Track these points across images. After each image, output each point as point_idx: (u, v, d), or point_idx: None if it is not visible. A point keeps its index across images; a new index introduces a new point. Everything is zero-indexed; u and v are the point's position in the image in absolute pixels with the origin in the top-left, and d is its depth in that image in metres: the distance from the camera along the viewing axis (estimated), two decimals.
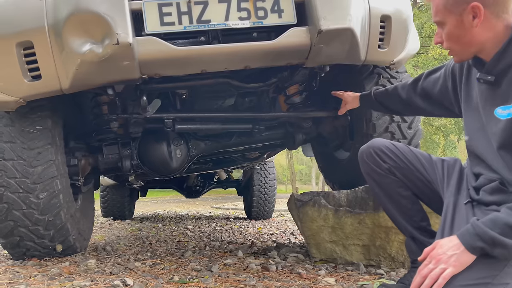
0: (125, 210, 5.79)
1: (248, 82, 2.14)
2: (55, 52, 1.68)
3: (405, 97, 1.64)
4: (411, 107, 1.64)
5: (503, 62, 1.17)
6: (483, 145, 1.25)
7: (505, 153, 1.17)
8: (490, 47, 1.18)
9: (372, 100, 1.83)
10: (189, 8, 1.68)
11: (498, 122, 1.18)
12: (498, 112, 1.18)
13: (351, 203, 2.08)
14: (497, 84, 1.19)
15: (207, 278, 1.75)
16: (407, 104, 1.65)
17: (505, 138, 1.16)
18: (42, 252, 2.14)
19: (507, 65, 1.16)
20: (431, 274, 1.09)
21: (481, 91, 1.25)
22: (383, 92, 1.78)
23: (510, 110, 1.15)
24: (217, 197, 16.94)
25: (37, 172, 1.99)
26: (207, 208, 10.17)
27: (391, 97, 1.73)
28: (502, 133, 1.16)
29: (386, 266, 2.01)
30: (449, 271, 1.08)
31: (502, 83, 1.18)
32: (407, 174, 1.45)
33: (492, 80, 1.19)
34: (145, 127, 2.33)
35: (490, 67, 1.19)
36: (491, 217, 1.09)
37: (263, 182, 5.27)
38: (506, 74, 1.17)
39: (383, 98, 1.77)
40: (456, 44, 1.22)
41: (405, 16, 2.01)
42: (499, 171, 1.21)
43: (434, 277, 1.08)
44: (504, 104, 1.17)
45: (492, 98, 1.21)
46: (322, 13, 1.71)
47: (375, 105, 1.84)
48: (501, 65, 1.17)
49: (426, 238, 1.48)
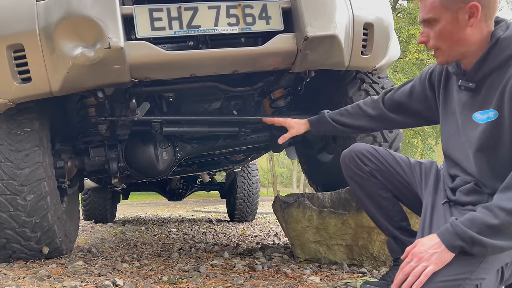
0: (107, 213, 5.75)
1: (235, 86, 2.18)
2: (46, 55, 1.69)
3: (374, 113, 1.65)
4: (382, 122, 1.65)
5: (483, 69, 1.23)
6: (459, 149, 1.32)
7: (481, 155, 1.24)
8: (474, 52, 1.23)
9: (327, 122, 1.74)
10: (179, 14, 1.72)
11: (477, 126, 1.24)
12: (477, 117, 1.24)
13: (334, 204, 2.14)
14: (477, 91, 1.25)
15: (196, 278, 1.79)
16: (377, 119, 1.65)
17: (483, 141, 1.22)
18: (29, 254, 2.13)
19: (487, 72, 1.22)
20: (414, 271, 1.14)
21: (460, 98, 1.31)
22: (342, 112, 1.73)
23: (488, 114, 1.21)
24: (198, 200, 16.89)
25: (25, 174, 1.99)
26: (188, 211, 10.15)
27: (353, 115, 1.69)
28: (481, 136, 1.22)
29: (368, 265, 2.08)
30: (430, 268, 1.12)
31: (481, 90, 1.24)
32: (387, 176, 1.51)
33: (473, 87, 1.25)
34: (132, 130, 2.35)
35: (471, 74, 1.25)
36: (468, 217, 1.15)
37: (246, 185, 5.31)
38: (486, 81, 1.23)
39: (343, 117, 1.72)
40: (446, 42, 1.22)
41: (386, 23, 2.09)
42: (473, 174, 1.28)
43: (417, 274, 1.13)
44: (482, 109, 1.23)
45: (471, 103, 1.27)
46: (308, 20, 1.77)
47: (331, 127, 1.74)
48: (481, 72, 1.23)
49: (406, 237, 1.55)
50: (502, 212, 1.10)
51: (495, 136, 1.20)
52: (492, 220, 1.10)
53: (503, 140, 1.19)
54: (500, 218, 1.10)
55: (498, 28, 1.21)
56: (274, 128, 2.55)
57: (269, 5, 1.80)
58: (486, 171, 1.24)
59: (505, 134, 1.18)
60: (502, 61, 1.20)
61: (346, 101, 2.28)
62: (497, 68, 1.21)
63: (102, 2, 1.63)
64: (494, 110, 1.20)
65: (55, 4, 1.66)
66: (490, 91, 1.22)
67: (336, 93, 2.35)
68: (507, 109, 1.17)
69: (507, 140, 1.18)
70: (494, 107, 1.20)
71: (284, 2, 1.83)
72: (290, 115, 2.42)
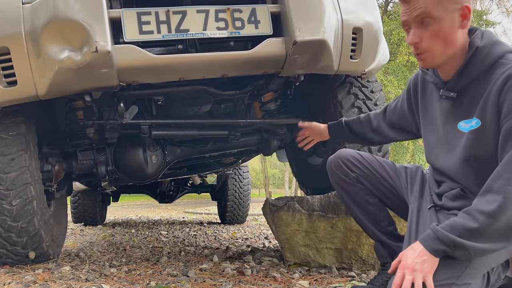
0: (97, 216, 5.70)
1: (224, 89, 2.18)
2: (32, 59, 1.68)
3: (376, 125, 1.67)
4: (380, 135, 1.68)
5: (464, 79, 1.24)
6: (443, 158, 1.33)
7: (468, 164, 1.25)
8: (455, 57, 1.23)
9: (343, 129, 1.79)
10: (168, 17, 1.71)
11: (462, 135, 1.25)
12: (461, 126, 1.25)
13: (324, 208, 2.14)
14: (459, 100, 1.26)
15: (184, 283, 1.77)
16: (376, 132, 1.68)
17: (468, 149, 1.23)
18: (15, 259, 2.10)
19: (468, 82, 1.23)
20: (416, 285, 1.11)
21: (442, 107, 1.32)
22: (355, 121, 1.75)
23: (472, 123, 1.22)
24: (189, 202, 16.84)
25: (11, 179, 1.96)
26: (180, 213, 10.11)
27: (363, 125, 1.72)
28: (466, 145, 1.23)
29: (357, 268, 2.09)
30: (428, 277, 1.12)
31: (463, 99, 1.25)
32: (373, 182, 1.52)
33: (454, 97, 1.26)
34: (121, 133, 2.33)
35: (452, 84, 1.26)
36: (448, 223, 1.16)
37: (237, 187, 5.30)
38: (467, 90, 1.24)
39: (355, 126, 1.75)
40: (439, 43, 1.20)
41: (375, 28, 2.10)
42: (460, 182, 1.28)
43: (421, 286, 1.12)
44: (466, 118, 1.24)
45: (454, 113, 1.28)
46: (297, 25, 1.77)
47: (347, 134, 1.79)
48: (462, 82, 1.24)
49: (393, 242, 1.56)
50: (481, 215, 1.11)
51: (479, 144, 1.21)
52: (471, 224, 1.11)
53: (487, 148, 1.20)
54: (480, 221, 1.10)
55: (474, 37, 1.23)
56: (264, 131, 2.55)
57: (258, 9, 1.80)
58: (474, 179, 1.25)
59: (489, 141, 1.19)
60: (482, 71, 1.21)
61: (335, 105, 2.29)
62: (478, 77, 1.22)
63: (89, 5, 1.61)
64: (476, 119, 1.21)
65: (42, 7, 1.64)
66: (473, 100, 1.23)
67: (325, 96, 2.36)
68: (490, 118, 1.18)
69: (491, 147, 1.19)
70: (477, 116, 1.21)
71: (273, 6, 1.83)
72: (280, 119, 2.43)
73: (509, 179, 1.10)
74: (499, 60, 1.19)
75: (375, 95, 2.32)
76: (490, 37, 1.22)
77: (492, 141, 1.18)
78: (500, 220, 1.09)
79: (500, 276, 1.28)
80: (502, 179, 1.11)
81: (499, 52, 1.20)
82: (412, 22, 1.22)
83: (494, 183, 1.12)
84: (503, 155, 1.14)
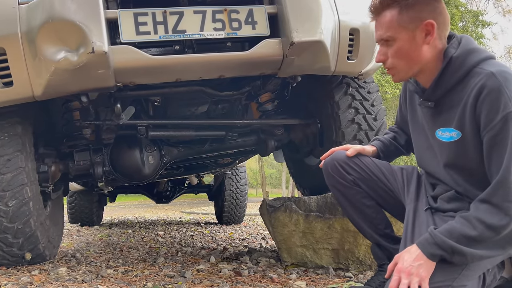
0: (94, 216, 5.69)
1: (221, 90, 2.18)
2: (28, 59, 1.67)
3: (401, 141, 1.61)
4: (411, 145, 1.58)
5: (440, 89, 1.25)
6: (432, 163, 1.34)
7: (451, 171, 1.27)
8: (430, 68, 1.24)
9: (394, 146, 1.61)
10: (165, 18, 1.71)
11: (442, 144, 1.27)
12: (439, 134, 1.27)
13: (321, 208, 2.14)
14: (437, 109, 1.27)
15: (181, 284, 1.77)
16: (406, 145, 1.60)
17: (450, 159, 1.25)
18: (11, 260, 2.09)
19: (444, 91, 1.24)
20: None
21: (424, 114, 1.34)
22: (385, 144, 1.61)
23: (451, 134, 1.23)
24: (186, 202, 16.82)
25: (6, 180, 1.96)
26: (177, 213, 10.10)
27: (393, 146, 1.61)
28: (448, 154, 1.26)
29: (354, 269, 2.09)
30: (424, 281, 1.13)
31: (441, 108, 1.27)
32: (370, 184, 1.51)
33: (432, 106, 1.28)
34: (118, 134, 2.32)
35: (429, 93, 1.27)
36: (447, 227, 1.16)
37: (234, 187, 5.30)
38: (445, 100, 1.25)
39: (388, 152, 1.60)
40: (403, 60, 1.23)
41: (372, 29, 2.09)
42: (450, 185, 1.30)
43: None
44: (444, 126, 1.25)
45: (433, 121, 1.29)
46: (294, 26, 1.77)
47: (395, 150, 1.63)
48: (439, 91, 1.25)
49: (390, 244, 1.56)
50: (481, 224, 1.12)
51: (462, 154, 1.23)
52: (470, 232, 1.12)
53: (470, 158, 1.21)
54: (479, 230, 1.12)
55: (450, 46, 1.23)
56: (261, 131, 2.55)
57: (255, 10, 1.79)
58: (462, 184, 1.26)
59: (471, 151, 1.20)
60: (457, 80, 1.21)
61: (332, 106, 2.29)
62: (453, 87, 1.22)
63: (86, 6, 1.61)
64: (456, 130, 1.22)
65: (38, 8, 1.63)
66: (450, 109, 1.24)
67: (322, 97, 2.36)
68: (469, 129, 1.19)
69: (474, 156, 1.20)
70: (456, 127, 1.22)
71: (270, 7, 1.83)
72: (277, 119, 2.43)
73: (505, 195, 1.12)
74: (473, 69, 1.19)
75: (372, 95, 2.32)
76: (466, 45, 1.22)
77: (474, 152, 1.20)
78: (501, 234, 1.13)
79: (496, 276, 1.28)
80: (499, 196, 1.13)
81: (473, 61, 1.20)
82: (378, 41, 1.27)
83: (491, 198, 1.13)
84: (491, 166, 1.16)
